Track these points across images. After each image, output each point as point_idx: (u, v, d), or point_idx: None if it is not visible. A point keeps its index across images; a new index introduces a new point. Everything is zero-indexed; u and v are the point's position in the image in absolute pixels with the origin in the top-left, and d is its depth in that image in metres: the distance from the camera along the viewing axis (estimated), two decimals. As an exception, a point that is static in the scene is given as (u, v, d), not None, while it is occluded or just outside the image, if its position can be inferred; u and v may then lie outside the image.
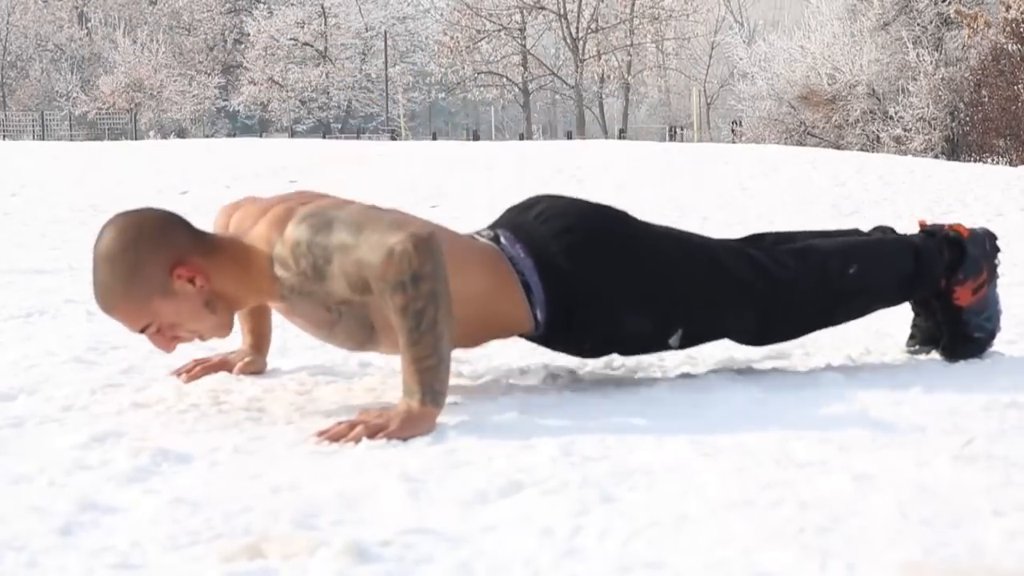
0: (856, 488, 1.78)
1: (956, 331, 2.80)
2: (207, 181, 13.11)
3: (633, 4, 40.63)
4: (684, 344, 2.63)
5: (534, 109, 45.02)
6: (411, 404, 2.14)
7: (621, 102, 44.95)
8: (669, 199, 11.03)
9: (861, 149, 23.47)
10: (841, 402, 2.37)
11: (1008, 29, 22.98)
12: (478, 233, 2.58)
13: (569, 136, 37.82)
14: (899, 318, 3.01)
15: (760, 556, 1.49)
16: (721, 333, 2.69)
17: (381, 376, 2.74)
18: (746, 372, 2.76)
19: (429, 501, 1.74)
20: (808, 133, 27.10)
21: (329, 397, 2.53)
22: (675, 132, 40.04)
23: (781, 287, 2.64)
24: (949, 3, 27.27)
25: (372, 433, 2.08)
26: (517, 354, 3.02)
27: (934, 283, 2.76)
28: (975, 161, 19.60)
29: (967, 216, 10.35)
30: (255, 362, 2.73)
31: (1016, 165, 17.23)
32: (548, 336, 2.56)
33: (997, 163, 19.63)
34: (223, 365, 2.69)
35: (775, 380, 2.66)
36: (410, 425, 2.11)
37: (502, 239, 2.52)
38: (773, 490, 1.77)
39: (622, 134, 38.29)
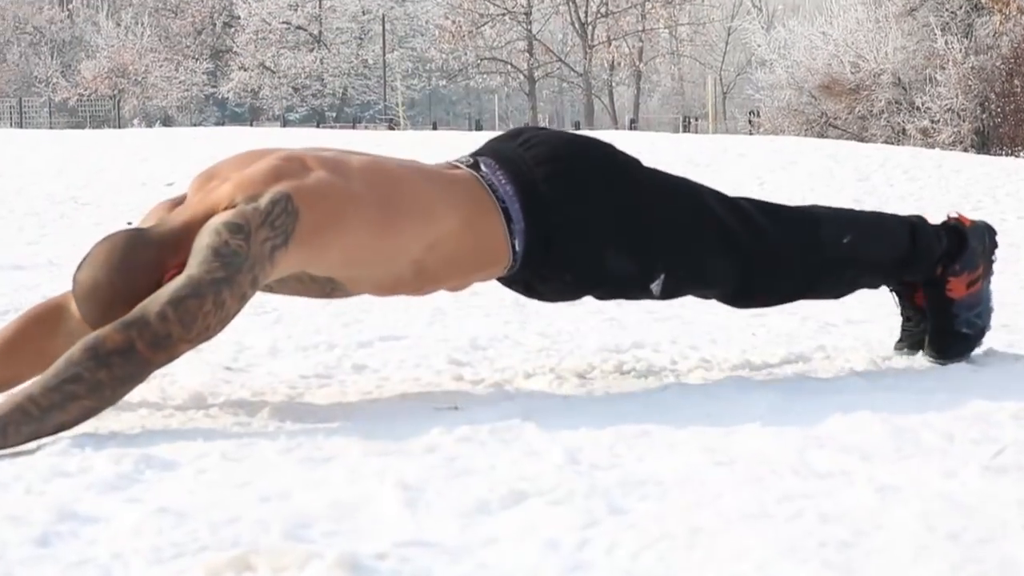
0: (880, 500, 1.78)
1: (943, 325, 2.80)
2: (194, 171, 13.02)
3: (644, -11, 40.65)
4: (666, 293, 2.64)
5: (540, 98, 45.08)
6: None
7: (632, 91, 45.03)
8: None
9: (886, 142, 23.45)
10: (864, 409, 2.37)
11: (1042, 15, 22.98)
12: (458, 160, 2.59)
13: (577, 126, 37.87)
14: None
15: (777, 571, 1.49)
16: (703, 284, 2.70)
17: (377, 379, 2.75)
18: (763, 376, 2.77)
19: (427, 512, 1.74)
20: (830, 124, 27.11)
21: (322, 400, 2.53)
22: (689, 122, 40.03)
23: (767, 240, 2.66)
24: (980, -12, 27.28)
25: None
26: (520, 356, 3.03)
27: (930, 268, 2.78)
28: (1007, 155, 19.57)
29: (998, 213, 10.36)
30: None
31: (1050, 159, 17.20)
32: (524, 273, 2.55)
33: (1029, 157, 19.61)
34: None
35: (794, 385, 2.67)
36: None
37: (483, 166, 2.53)
38: (792, 502, 1.77)
39: (633, 124, 38.38)
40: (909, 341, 2.90)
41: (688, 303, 3.18)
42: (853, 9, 28.71)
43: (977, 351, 2.90)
